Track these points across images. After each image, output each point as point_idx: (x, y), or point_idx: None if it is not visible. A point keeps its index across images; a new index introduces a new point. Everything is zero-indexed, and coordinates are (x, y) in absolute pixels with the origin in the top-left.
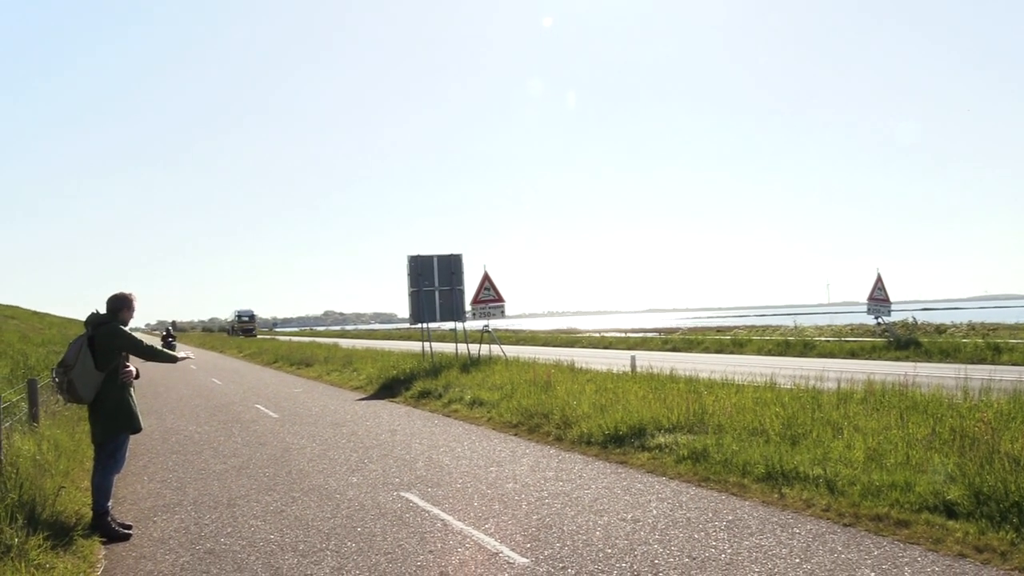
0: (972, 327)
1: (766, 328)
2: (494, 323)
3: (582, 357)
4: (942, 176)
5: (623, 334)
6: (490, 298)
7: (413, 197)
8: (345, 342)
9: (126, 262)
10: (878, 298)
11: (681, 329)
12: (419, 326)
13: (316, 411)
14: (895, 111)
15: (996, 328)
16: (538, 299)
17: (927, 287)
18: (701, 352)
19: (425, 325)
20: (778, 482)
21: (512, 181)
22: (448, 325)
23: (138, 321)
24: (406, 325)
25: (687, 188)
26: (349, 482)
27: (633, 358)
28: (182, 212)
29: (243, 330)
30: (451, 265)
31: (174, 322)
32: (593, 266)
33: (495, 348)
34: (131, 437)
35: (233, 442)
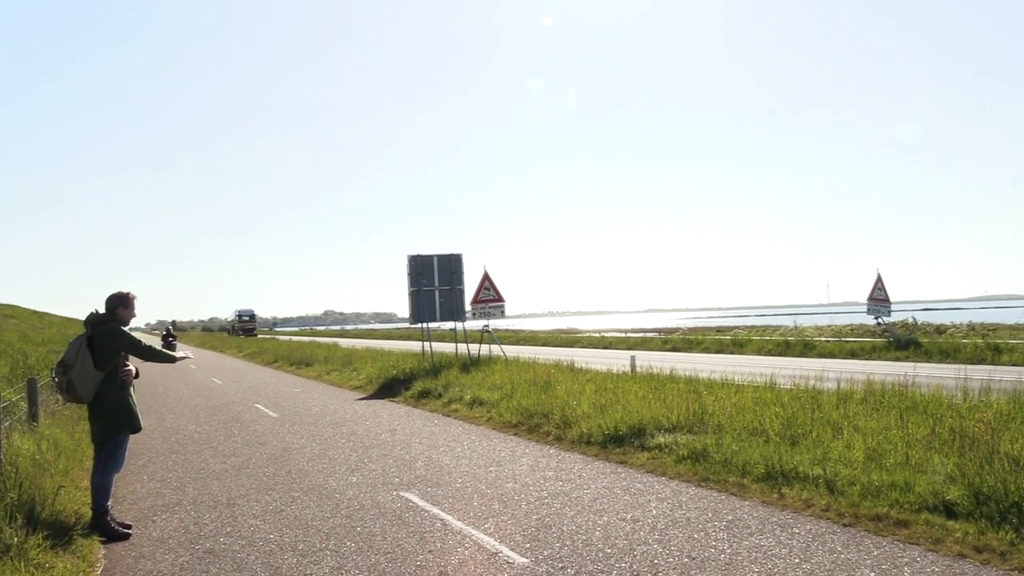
0: (972, 327)
1: (766, 328)
2: (494, 323)
3: (582, 357)
4: (942, 176)
5: (623, 334)
6: (490, 298)
7: (413, 197)
8: (345, 342)
9: (126, 262)
10: (878, 298)
11: (681, 329)
12: (419, 326)
13: (316, 411)
14: (895, 111)
15: (996, 328)
16: (538, 299)
17: (927, 287)
18: (701, 352)
19: (425, 325)
20: (778, 482)
21: (512, 181)
22: (448, 325)
23: (138, 321)
24: (406, 325)
25: (687, 188)
26: (349, 482)
27: (633, 358)
28: (182, 212)
29: (244, 330)
30: (451, 265)
31: (174, 322)
32: (593, 266)
33: (495, 348)
34: (131, 436)
35: (233, 442)
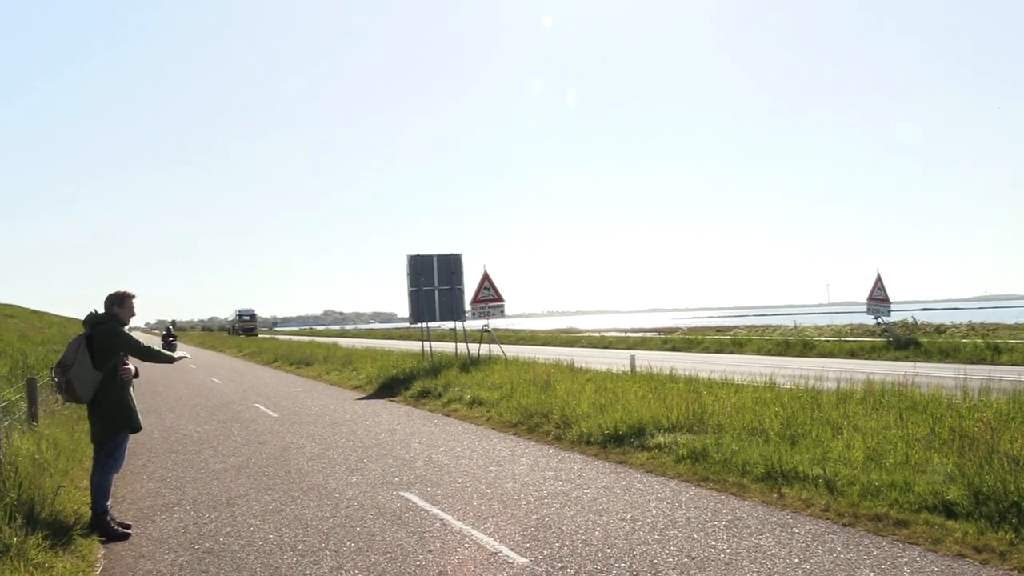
0: (972, 327)
1: (766, 328)
2: (494, 323)
3: (582, 357)
4: (942, 176)
5: (623, 334)
6: (490, 298)
7: (413, 197)
8: (345, 341)
9: (126, 262)
10: (878, 298)
11: (681, 329)
12: (419, 326)
13: (315, 410)
14: (895, 111)
15: (996, 328)
16: (538, 299)
17: (927, 287)
18: (701, 352)
19: (425, 325)
20: (777, 482)
21: (512, 181)
22: (448, 325)
23: (138, 321)
24: (406, 325)
25: (687, 188)
26: (348, 481)
27: (633, 358)
28: (182, 212)
29: (244, 329)
30: (451, 265)
31: (174, 321)
32: (593, 266)
33: (495, 348)
34: (130, 436)
35: (232, 441)
